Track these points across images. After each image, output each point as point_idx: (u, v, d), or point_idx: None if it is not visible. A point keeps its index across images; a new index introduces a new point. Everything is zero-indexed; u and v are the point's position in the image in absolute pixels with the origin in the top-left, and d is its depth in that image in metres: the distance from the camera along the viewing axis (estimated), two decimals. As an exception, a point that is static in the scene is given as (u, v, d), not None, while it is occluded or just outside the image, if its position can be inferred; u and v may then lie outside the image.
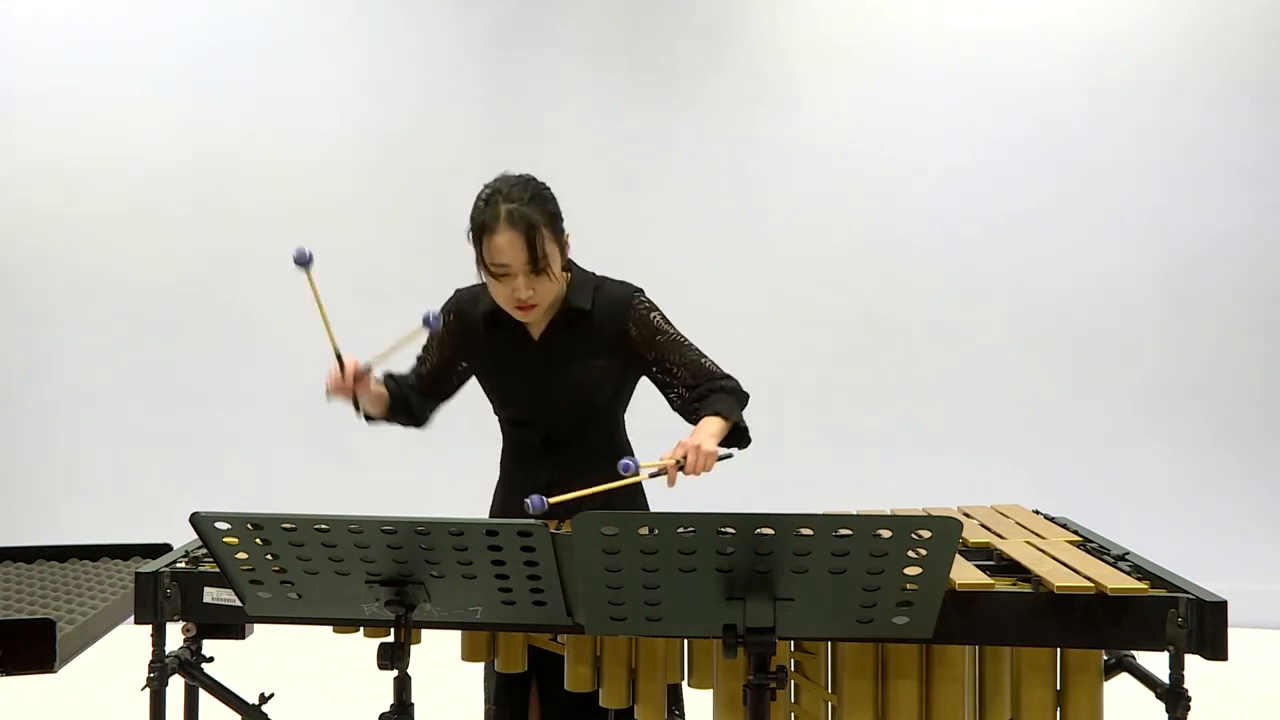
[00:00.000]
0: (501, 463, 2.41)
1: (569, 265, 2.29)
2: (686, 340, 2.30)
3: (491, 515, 2.40)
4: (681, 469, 2.07)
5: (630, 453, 2.35)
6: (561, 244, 2.21)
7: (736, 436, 2.20)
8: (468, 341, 2.33)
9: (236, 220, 5.14)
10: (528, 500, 2.02)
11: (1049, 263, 5.01)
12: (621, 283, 2.31)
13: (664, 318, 2.29)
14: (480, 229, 2.15)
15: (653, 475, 2.09)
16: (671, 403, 2.32)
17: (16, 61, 5.12)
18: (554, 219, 2.19)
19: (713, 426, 2.14)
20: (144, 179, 5.13)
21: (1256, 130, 4.92)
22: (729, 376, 2.29)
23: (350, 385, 2.18)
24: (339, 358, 2.18)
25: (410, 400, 2.38)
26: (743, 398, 2.26)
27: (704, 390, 2.25)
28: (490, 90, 5.09)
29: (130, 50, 5.11)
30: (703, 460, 2.07)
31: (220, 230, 5.14)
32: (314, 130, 5.13)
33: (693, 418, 2.25)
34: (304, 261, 2.14)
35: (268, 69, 5.12)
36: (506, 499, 2.37)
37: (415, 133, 5.13)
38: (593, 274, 2.32)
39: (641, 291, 2.30)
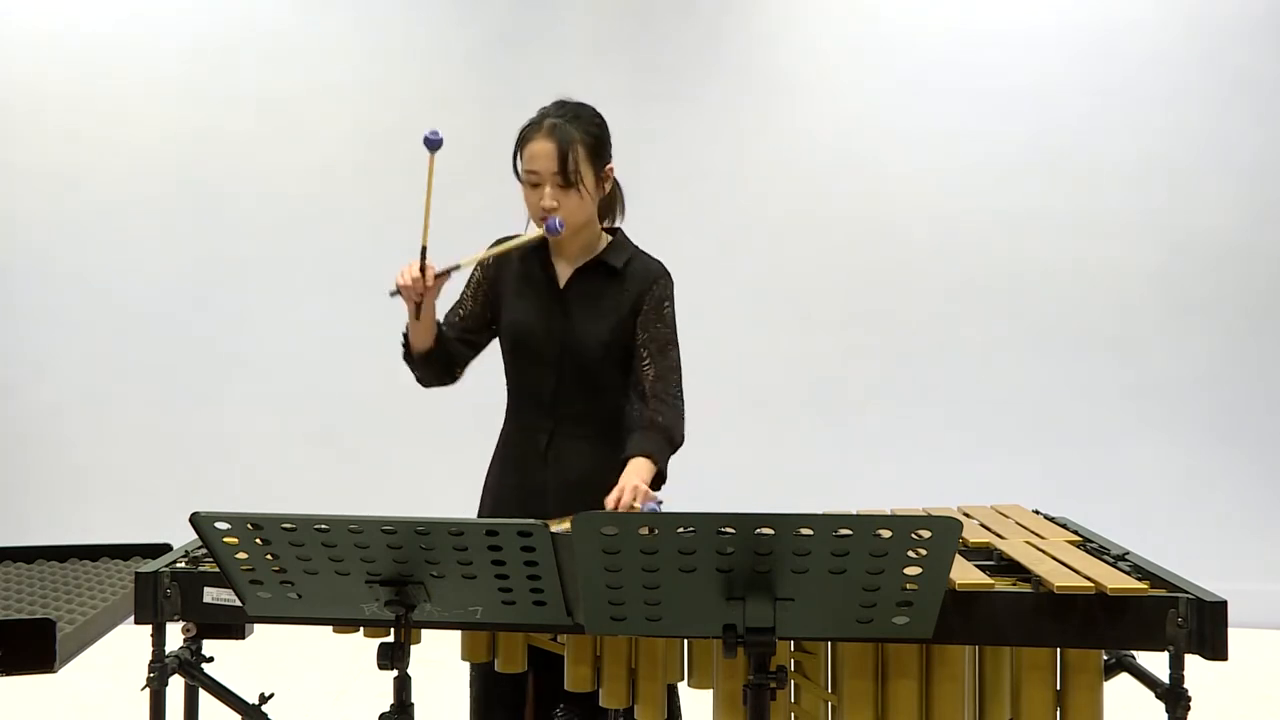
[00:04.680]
0: (499, 442, 2.41)
1: (615, 230, 2.38)
2: (674, 346, 2.32)
3: (485, 490, 2.41)
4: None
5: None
6: (599, 170, 2.28)
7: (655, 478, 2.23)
8: (500, 282, 2.37)
9: (237, 219, 5.14)
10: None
11: (1049, 262, 5.01)
12: (658, 261, 2.38)
13: (672, 313, 2.34)
14: (522, 138, 2.27)
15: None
16: (632, 385, 2.32)
17: (14, 60, 5.11)
18: (595, 142, 2.27)
19: (644, 470, 2.17)
20: (144, 177, 5.13)
21: (1256, 130, 4.92)
22: (676, 405, 2.28)
23: (424, 287, 2.18)
24: (424, 253, 2.19)
25: (451, 347, 2.35)
26: (675, 442, 2.27)
27: (646, 418, 2.26)
28: (490, 90, 5.09)
29: (129, 49, 5.11)
30: (641, 499, 2.11)
31: (221, 229, 5.13)
32: (314, 129, 5.13)
33: (629, 421, 2.28)
34: (434, 144, 2.25)
35: (267, 68, 5.12)
36: (501, 475, 2.37)
37: (415, 132, 5.09)
38: (635, 245, 2.38)
39: (670, 277, 2.36)
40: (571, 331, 2.30)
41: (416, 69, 5.15)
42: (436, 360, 2.31)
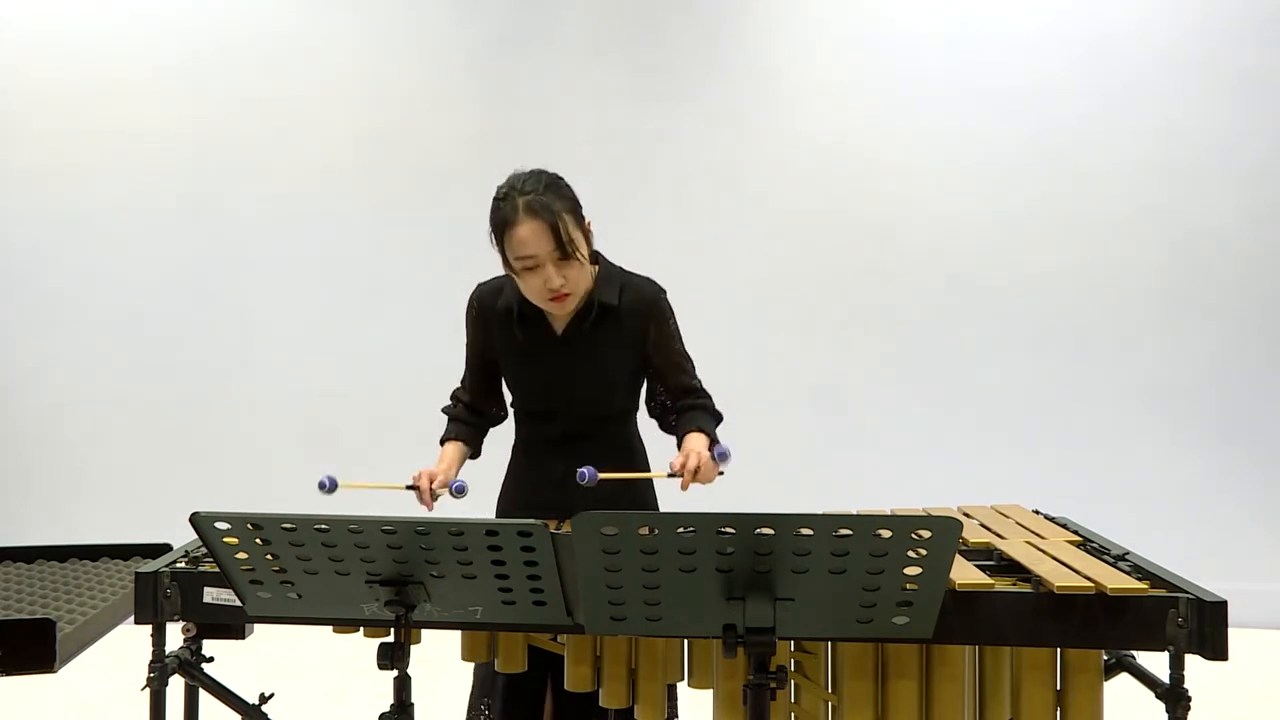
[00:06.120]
0: (512, 458, 2.42)
1: (596, 257, 2.31)
2: (686, 357, 2.35)
3: (499, 506, 2.41)
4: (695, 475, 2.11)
5: (644, 450, 2.39)
6: (584, 230, 2.23)
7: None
8: (490, 332, 2.35)
9: (237, 219, 5.14)
10: (581, 470, 2.04)
11: (1049, 262, 5.01)
12: (648, 279, 2.34)
13: (677, 327, 2.34)
14: (501, 225, 2.17)
15: (670, 476, 2.13)
16: (649, 406, 2.38)
17: (14, 59, 5.11)
18: (573, 205, 2.21)
19: (702, 443, 2.19)
20: (144, 177, 5.13)
21: (1256, 130, 4.92)
22: (707, 394, 2.35)
23: (433, 496, 2.26)
24: (417, 489, 2.26)
25: (480, 422, 2.42)
26: (718, 417, 2.32)
27: (685, 404, 2.31)
28: (490, 90, 5.09)
29: (129, 49, 5.11)
30: (711, 472, 2.13)
31: (221, 230, 5.14)
32: (314, 129, 5.13)
33: (669, 428, 2.33)
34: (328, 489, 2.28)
35: (267, 67, 5.12)
36: (515, 493, 2.38)
37: (415, 132, 5.13)
38: (619, 268, 2.34)
39: (665, 293, 2.34)
40: (578, 382, 2.28)
41: (416, 69, 5.15)
42: (483, 431, 2.42)
